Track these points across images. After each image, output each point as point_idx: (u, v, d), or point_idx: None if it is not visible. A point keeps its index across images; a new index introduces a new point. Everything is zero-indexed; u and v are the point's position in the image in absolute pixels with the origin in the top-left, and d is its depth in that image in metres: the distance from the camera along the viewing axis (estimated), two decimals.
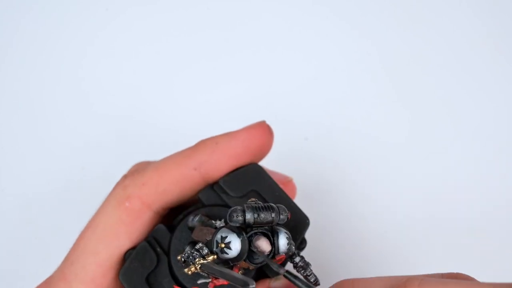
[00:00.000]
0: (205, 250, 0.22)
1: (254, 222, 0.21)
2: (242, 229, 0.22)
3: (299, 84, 0.44)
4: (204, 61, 0.45)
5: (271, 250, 0.22)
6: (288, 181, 0.31)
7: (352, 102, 0.44)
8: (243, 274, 0.23)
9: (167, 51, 0.45)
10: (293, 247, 0.22)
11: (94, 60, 0.45)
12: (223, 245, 0.21)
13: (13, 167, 0.42)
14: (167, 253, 0.25)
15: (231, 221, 0.21)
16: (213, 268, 0.21)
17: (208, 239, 0.22)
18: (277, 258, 0.22)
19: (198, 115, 0.43)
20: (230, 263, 0.22)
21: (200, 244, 0.22)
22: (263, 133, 0.26)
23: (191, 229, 0.24)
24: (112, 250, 0.25)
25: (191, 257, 0.22)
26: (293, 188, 0.31)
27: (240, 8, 0.46)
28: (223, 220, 0.24)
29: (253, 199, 0.22)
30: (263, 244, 0.21)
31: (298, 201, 0.31)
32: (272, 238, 0.22)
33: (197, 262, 0.21)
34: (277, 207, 0.22)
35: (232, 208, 0.21)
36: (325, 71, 0.45)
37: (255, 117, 0.43)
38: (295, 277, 0.22)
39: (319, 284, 0.23)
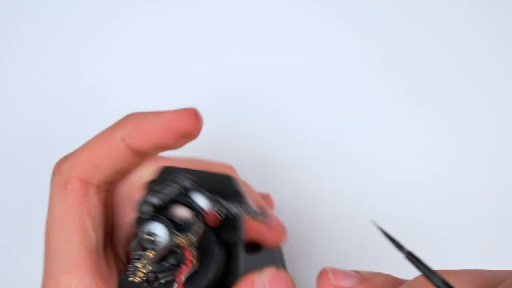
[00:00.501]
0: (142, 253, 0.21)
1: (164, 201, 0.21)
2: (160, 214, 0.21)
3: (299, 84, 0.44)
4: (204, 61, 0.45)
5: (194, 211, 0.22)
6: (265, 196, 0.31)
7: (352, 102, 0.44)
8: (199, 254, 0.23)
9: (167, 51, 0.45)
10: (224, 203, 0.23)
11: (94, 60, 0.45)
12: (151, 238, 0.21)
13: (13, 167, 0.42)
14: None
15: (143, 214, 0.21)
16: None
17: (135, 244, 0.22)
18: (210, 218, 0.22)
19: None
20: (176, 249, 0.22)
21: (134, 253, 0.21)
22: (189, 117, 0.27)
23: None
24: (80, 233, 0.25)
25: (132, 266, 0.21)
26: (270, 202, 0.31)
27: (240, 8, 0.46)
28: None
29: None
30: (180, 211, 0.22)
31: (298, 200, 0.31)
32: (191, 204, 0.22)
33: (141, 265, 0.21)
34: (178, 176, 0.22)
35: (138, 203, 0.21)
36: (325, 71, 0.45)
37: (255, 117, 0.43)
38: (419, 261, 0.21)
39: (266, 216, 0.24)
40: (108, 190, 0.27)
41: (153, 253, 0.21)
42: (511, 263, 0.39)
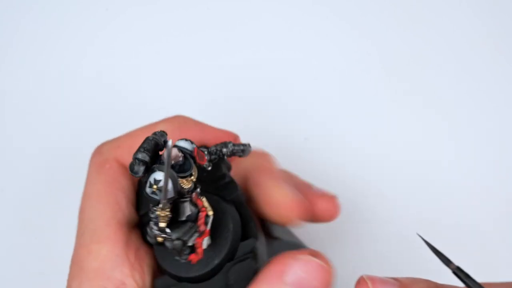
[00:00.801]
0: (154, 213, 0.21)
1: (148, 153, 0.21)
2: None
3: (299, 84, 0.44)
4: (204, 61, 0.45)
5: (180, 152, 0.22)
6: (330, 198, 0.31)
7: (352, 102, 0.44)
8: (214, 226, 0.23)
9: (167, 51, 0.45)
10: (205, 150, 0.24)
11: (94, 60, 0.45)
12: (156, 186, 0.21)
13: (13, 167, 0.42)
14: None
15: (135, 174, 0.21)
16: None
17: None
18: (197, 157, 0.23)
19: (200, 114, 0.43)
20: (185, 194, 0.22)
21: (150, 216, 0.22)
22: (230, 136, 0.28)
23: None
24: (113, 207, 0.26)
25: (151, 227, 0.22)
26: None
27: (240, 8, 0.46)
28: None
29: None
30: (172, 152, 0.21)
31: None
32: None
33: (158, 218, 0.21)
34: (155, 133, 0.22)
35: (128, 166, 0.22)
36: (325, 71, 0.45)
37: (254, 116, 0.43)
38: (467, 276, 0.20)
39: (250, 147, 0.25)
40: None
41: (166, 205, 0.21)
42: None
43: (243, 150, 0.25)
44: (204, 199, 0.23)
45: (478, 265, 0.39)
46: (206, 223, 0.23)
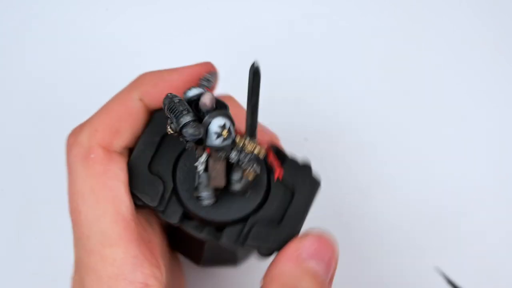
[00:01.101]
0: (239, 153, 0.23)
1: (189, 113, 0.22)
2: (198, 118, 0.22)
3: (299, 84, 0.44)
4: (203, 61, 0.45)
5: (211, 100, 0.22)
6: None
7: (352, 102, 0.44)
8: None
9: (167, 51, 0.45)
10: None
11: (94, 60, 0.45)
12: (225, 132, 0.22)
13: (13, 167, 0.42)
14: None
15: (196, 136, 0.21)
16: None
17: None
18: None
19: None
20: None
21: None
22: (206, 69, 0.26)
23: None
24: (114, 202, 0.24)
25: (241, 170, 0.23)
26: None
27: (240, 8, 0.46)
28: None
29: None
30: (205, 99, 0.22)
31: None
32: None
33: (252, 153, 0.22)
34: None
35: (184, 135, 0.21)
36: (325, 71, 0.45)
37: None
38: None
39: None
40: (125, 155, 0.26)
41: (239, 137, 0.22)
42: None
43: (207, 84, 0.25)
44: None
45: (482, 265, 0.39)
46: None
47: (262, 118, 0.44)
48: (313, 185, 0.26)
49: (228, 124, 0.22)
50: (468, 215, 0.41)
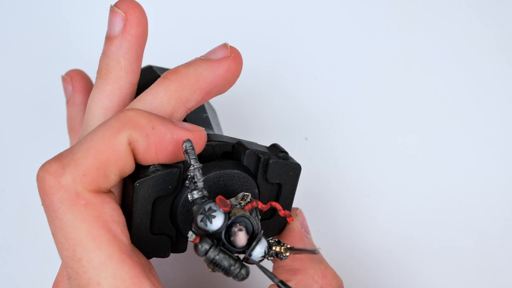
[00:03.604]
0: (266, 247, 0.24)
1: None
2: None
3: (299, 84, 0.44)
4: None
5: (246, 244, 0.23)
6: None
7: (352, 102, 0.44)
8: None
9: (167, 51, 0.45)
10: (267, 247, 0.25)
11: (94, 60, 0.45)
12: (267, 255, 0.24)
13: (13, 167, 0.42)
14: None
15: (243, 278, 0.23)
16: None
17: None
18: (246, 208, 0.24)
19: None
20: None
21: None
22: (197, 137, 0.25)
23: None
24: (113, 242, 0.23)
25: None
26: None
27: (240, 8, 0.46)
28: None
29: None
30: (240, 237, 0.23)
31: (299, 199, 0.31)
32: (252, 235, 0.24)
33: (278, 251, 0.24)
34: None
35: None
36: (325, 70, 0.45)
37: (254, 116, 0.43)
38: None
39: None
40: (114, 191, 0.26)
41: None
42: None
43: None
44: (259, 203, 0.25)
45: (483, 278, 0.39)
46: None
47: (262, 117, 0.44)
48: (296, 172, 0.28)
49: (266, 247, 0.24)
50: (468, 214, 0.41)
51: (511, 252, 0.40)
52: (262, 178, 0.27)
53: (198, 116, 0.31)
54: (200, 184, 0.23)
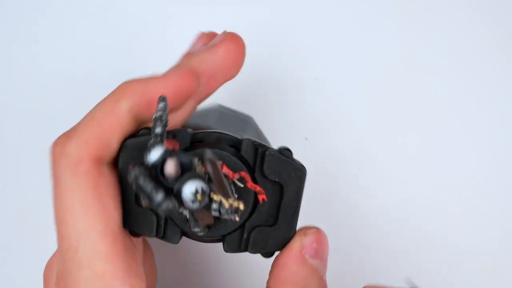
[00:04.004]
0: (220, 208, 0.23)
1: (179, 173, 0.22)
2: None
3: (299, 84, 0.44)
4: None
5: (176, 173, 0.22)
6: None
7: (352, 102, 0.44)
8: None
9: (167, 50, 0.45)
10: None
11: (94, 60, 0.45)
12: (199, 196, 0.22)
13: (13, 167, 0.42)
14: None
15: (168, 212, 0.21)
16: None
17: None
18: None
19: None
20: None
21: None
22: (188, 80, 0.26)
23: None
24: (103, 216, 0.24)
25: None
26: None
27: (239, 7, 0.46)
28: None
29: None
30: (169, 167, 0.22)
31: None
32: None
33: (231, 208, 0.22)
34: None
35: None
36: (325, 70, 0.45)
37: (254, 116, 0.43)
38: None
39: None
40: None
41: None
42: None
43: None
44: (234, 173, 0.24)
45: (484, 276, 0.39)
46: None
47: (262, 118, 0.44)
48: (299, 174, 0.26)
49: (199, 186, 0.21)
50: (468, 214, 0.41)
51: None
52: (260, 172, 0.25)
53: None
54: (158, 130, 0.22)
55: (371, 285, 0.24)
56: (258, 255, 0.26)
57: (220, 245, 0.26)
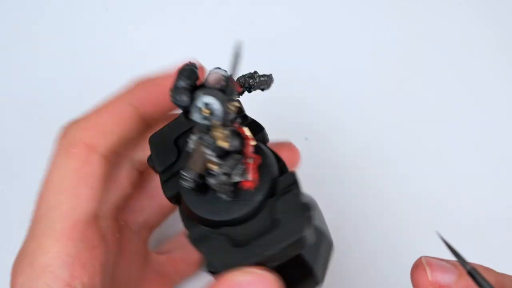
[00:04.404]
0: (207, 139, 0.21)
1: (192, 82, 0.21)
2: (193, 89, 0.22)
3: (299, 84, 0.44)
4: (203, 61, 0.45)
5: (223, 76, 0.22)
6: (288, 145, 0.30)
7: (352, 102, 0.44)
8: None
9: (167, 50, 0.45)
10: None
11: (94, 60, 0.45)
12: (207, 111, 0.21)
13: (13, 166, 0.42)
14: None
15: (180, 103, 0.21)
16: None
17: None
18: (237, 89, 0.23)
19: None
20: (229, 122, 0.21)
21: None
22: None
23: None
24: (73, 199, 0.24)
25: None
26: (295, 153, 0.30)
27: (239, 7, 0.46)
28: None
29: None
30: (212, 76, 0.22)
31: None
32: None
33: (216, 140, 0.21)
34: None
35: (170, 97, 0.21)
36: (325, 70, 0.45)
37: (254, 116, 0.43)
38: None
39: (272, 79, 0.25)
40: (116, 163, 0.27)
41: (218, 123, 0.21)
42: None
43: (267, 81, 0.26)
44: (246, 129, 0.23)
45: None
46: (251, 169, 0.23)
47: (262, 117, 0.44)
48: (298, 230, 0.22)
49: (216, 106, 0.21)
50: (468, 214, 0.41)
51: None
52: (275, 200, 0.23)
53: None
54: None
55: (428, 257, 0.23)
56: None
57: None
